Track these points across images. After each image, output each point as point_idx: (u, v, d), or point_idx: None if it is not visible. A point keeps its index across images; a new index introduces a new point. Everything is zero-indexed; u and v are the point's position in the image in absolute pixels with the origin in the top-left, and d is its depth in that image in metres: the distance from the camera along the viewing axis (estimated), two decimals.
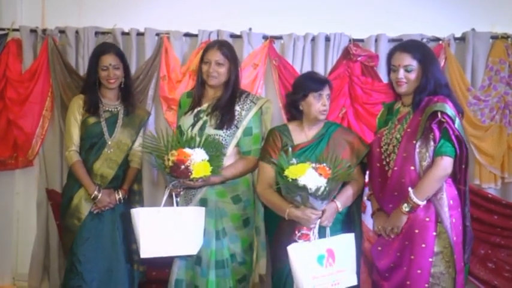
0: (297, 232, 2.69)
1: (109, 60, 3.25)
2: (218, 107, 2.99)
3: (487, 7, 3.82)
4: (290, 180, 2.59)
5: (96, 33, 3.94)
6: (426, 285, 2.60)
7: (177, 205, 2.92)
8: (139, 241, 2.80)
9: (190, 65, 3.77)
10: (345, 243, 2.74)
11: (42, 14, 4.11)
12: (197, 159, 2.73)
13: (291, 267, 2.62)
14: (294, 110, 2.92)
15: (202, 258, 2.94)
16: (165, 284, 3.07)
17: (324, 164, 2.63)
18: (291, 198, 2.69)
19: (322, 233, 2.72)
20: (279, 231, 2.85)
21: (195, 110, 3.03)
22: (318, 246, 2.67)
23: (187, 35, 3.92)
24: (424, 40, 3.73)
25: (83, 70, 3.91)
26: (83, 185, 3.21)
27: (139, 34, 3.91)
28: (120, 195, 3.27)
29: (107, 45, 3.46)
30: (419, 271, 2.61)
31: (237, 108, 3.01)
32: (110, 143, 3.26)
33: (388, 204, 2.72)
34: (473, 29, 3.72)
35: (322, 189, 2.59)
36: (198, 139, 2.82)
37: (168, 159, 2.73)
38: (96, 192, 3.18)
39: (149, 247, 2.80)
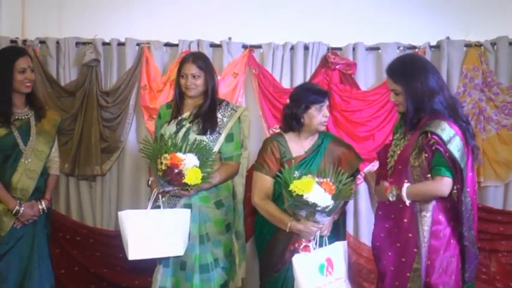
0: (297, 245, 2.70)
1: (28, 62, 3.07)
2: (200, 114, 3.04)
3: (461, 16, 3.90)
4: (295, 195, 2.55)
5: (77, 43, 3.96)
6: None
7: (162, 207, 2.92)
8: (126, 243, 2.79)
9: (171, 74, 3.78)
10: (340, 251, 2.77)
11: (22, 24, 4.11)
12: (189, 164, 2.75)
13: (295, 278, 2.62)
14: (294, 122, 2.90)
15: (187, 262, 2.96)
16: None
17: (328, 179, 2.61)
18: (294, 212, 2.68)
19: (320, 243, 2.73)
20: (274, 240, 2.86)
21: (177, 119, 3.07)
22: (319, 255, 2.69)
23: (167, 44, 3.95)
24: (401, 48, 3.81)
25: (64, 80, 3.94)
26: (2, 201, 2.98)
27: (120, 44, 3.93)
28: (44, 206, 3.08)
29: (20, 49, 3.35)
30: (397, 283, 2.63)
31: (219, 115, 3.07)
32: (25, 152, 3.03)
33: (378, 211, 2.73)
34: (447, 38, 3.79)
35: (330, 207, 2.59)
36: (189, 144, 2.83)
37: (161, 163, 2.74)
38: (17, 207, 2.96)
39: (137, 249, 2.79)
